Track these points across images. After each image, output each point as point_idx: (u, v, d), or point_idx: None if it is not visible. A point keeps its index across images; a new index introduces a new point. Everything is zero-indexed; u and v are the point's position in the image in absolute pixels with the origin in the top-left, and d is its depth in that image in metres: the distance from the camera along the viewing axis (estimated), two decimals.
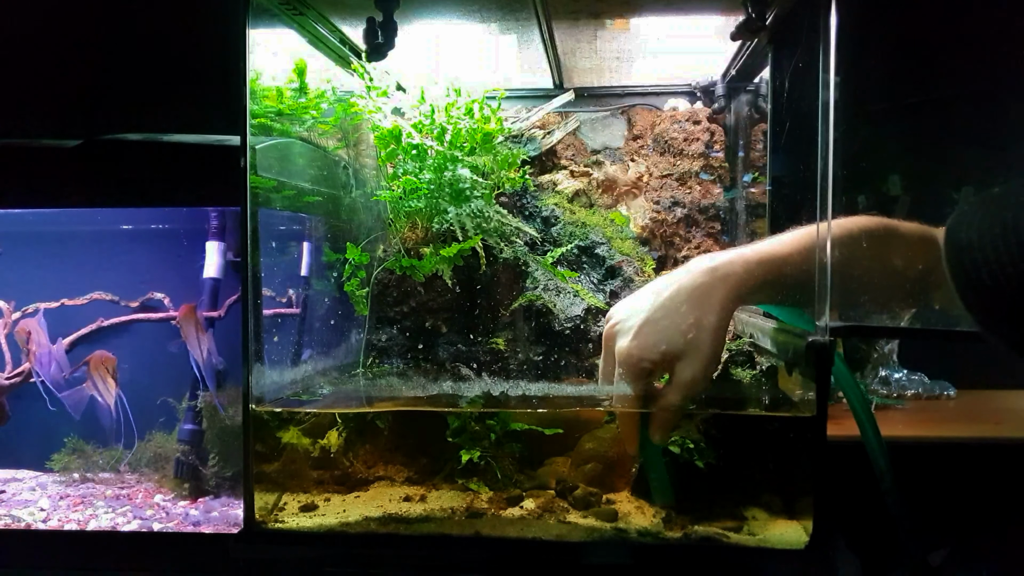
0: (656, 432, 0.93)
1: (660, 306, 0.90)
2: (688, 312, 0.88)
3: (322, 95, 1.24)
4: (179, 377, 1.51)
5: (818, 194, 0.87)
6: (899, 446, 0.97)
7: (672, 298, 0.89)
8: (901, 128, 1.42)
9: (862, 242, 0.91)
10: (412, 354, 1.23)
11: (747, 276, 0.89)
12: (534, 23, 1.20)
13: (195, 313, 1.48)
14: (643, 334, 0.89)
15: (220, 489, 1.45)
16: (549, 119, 1.51)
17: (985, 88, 1.40)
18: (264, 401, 1.02)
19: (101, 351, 1.56)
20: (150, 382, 1.57)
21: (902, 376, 1.59)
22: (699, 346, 0.88)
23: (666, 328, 0.88)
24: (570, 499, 1.03)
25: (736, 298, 0.89)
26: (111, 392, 1.52)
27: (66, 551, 1.30)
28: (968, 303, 0.74)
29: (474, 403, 1.03)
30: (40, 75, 1.58)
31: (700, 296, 0.88)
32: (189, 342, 1.47)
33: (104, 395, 1.52)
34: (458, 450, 1.08)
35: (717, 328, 0.88)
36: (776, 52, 1.23)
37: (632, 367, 0.90)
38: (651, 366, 0.89)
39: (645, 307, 0.91)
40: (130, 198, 1.38)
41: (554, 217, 1.37)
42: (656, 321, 0.89)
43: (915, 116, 1.43)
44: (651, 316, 0.90)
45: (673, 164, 1.52)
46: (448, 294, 1.22)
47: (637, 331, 0.90)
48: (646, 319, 0.90)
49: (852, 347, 1.57)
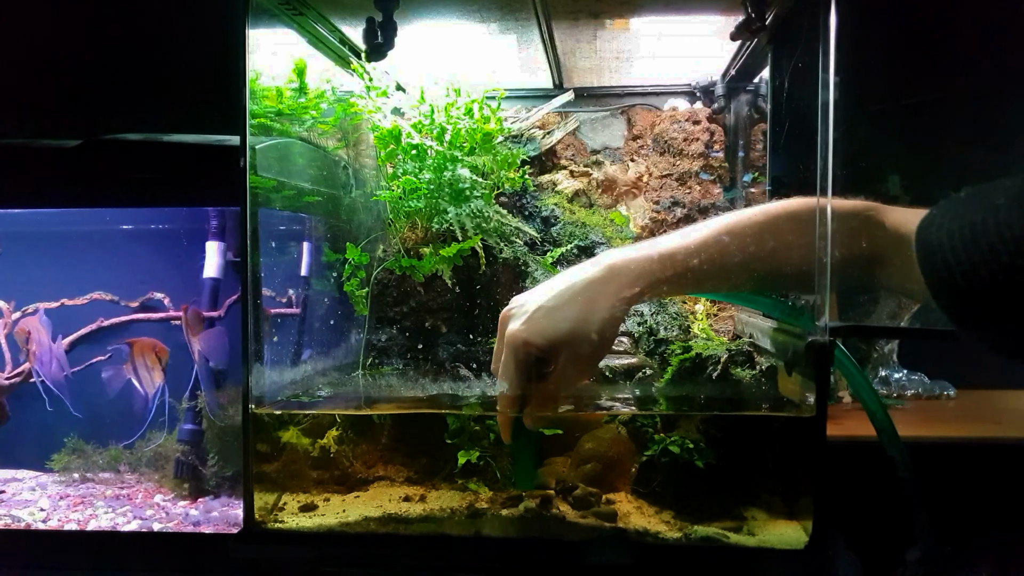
0: (529, 418, 0.93)
1: (555, 295, 0.91)
2: (580, 304, 0.89)
3: (322, 95, 1.24)
4: (179, 377, 1.51)
5: (817, 194, 0.87)
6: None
7: (567, 289, 0.90)
8: (901, 128, 1.42)
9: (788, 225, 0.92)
10: (412, 354, 1.23)
11: (642, 273, 0.90)
12: (534, 23, 1.20)
13: (188, 314, 1.48)
14: (532, 320, 0.90)
15: (220, 489, 1.45)
16: (549, 119, 1.51)
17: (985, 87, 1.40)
18: (264, 402, 1.02)
19: (151, 338, 1.54)
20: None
21: (902, 376, 1.59)
22: (584, 339, 0.89)
23: (555, 317, 0.89)
24: (570, 499, 1.03)
25: (630, 295, 0.90)
26: (152, 381, 1.51)
27: (66, 551, 1.30)
28: (942, 304, 0.74)
29: (471, 407, 1.03)
30: (40, 75, 1.58)
31: (594, 290, 0.89)
32: (189, 344, 1.47)
33: (144, 382, 1.50)
34: (458, 450, 1.08)
35: (605, 323, 0.89)
36: (776, 52, 1.23)
37: (516, 350, 0.90)
38: (535, 351, 0.89)
39: (541, 296, 0.92)
40: (130, 198, 1.38)
41: (554, 217, 1.37)
42: (547, 309, 0.90)
43: (915, 116, 1.43)
44: (544, 304, 0.90)
45: (673, 164, 1.52)
46: (448, 294, 1.22)
47: (528, 317, 0.90)
48: (539, 306, 0.90)
49: (852, 347, 1.57)
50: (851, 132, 0.89)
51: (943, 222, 0.74)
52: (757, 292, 1.05)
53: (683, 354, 1.11)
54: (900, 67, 1.42)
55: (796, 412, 0.95)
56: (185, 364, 1.52)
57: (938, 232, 0.74)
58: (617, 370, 1.19)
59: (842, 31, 0.84)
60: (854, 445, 1.17)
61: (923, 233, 0.76)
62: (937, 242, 0.73)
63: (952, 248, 0.71)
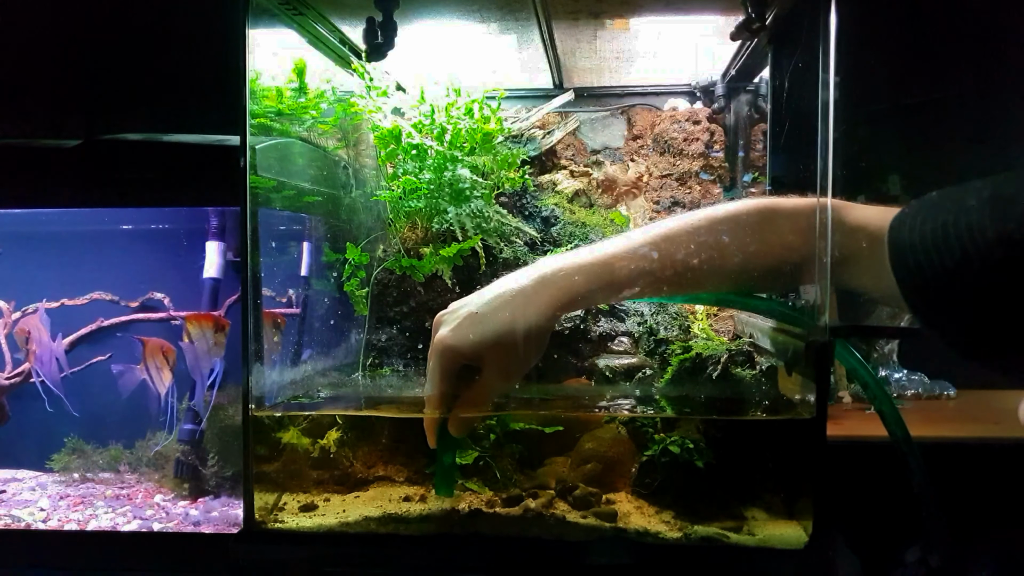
0: (453, 425, 0.93)
1: (485, 303, 0.90)
2: (508, 314, 0.89)
3: (322, 95, 1.24)
4: (179, 377, 1.51)
5: (817, 194, 0.87)
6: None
7: (497, 297, 0.90)
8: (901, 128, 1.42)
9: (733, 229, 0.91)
10: (412, 354, 1.23)
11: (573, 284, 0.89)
12: (534, 23, 1.20)
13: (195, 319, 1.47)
14: (461, 326, 0.90)
15: (220, 489, 1.45)
16: (549, 119, 1.51)
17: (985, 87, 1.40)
18: (264, 403, 1.02)
19: (160, 339, 1.53)
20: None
21: (902, 376, 1.59)
22: (510, 347, 0.88)
23: (482, 324, 0.89)
24: (570, 499, 1.03)
25: (558, 306, 0.89)
26: (163, 381, 1.51)
27: (66, 551, 1.30)
28: (912, 305, 0.75)
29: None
30: (40, 75, 1.58)
31: (523, 300, 0.89)
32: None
33: (157, 382, 1.49)
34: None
35: (532, 332, 0.88)
36: (776, 52, 1.23)
37: (441, 355, 0.90)
38: (460, 358, 0.89)
39: (472, 303, 0.91)
40: (130, 198, 1.38)
41: (554, 217, 1.37)
42: (476, 316, 0.90)
43: (915, 116, 1.43)
44: (473, 311, 0.90)
45: (673, 164, 1.52)
46: (448, 294, 1.22)
47: (458, 323, 0.90)
48: (469, 312, 0.90)
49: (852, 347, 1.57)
50: (851, 132, 0.89)
51: (915, 223, 0.74)
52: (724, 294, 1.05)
53: (683, 354, 1.11)
54: (900, 67, 1.42)
55: (795, 413, 0.95)
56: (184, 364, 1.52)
57: (911, 233, 0.74)
58: (617, 370, 1.19)
59: (842, 31, 0.84)
60: (854, 445, 1.17)
61: (895, 233, 0.77)
62: (910, 243, 0.74)
63: (924, 249, 0.72)
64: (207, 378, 1.47)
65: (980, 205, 0.69)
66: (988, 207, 0.69)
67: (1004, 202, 0.68)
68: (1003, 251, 0.66)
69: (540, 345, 0.91)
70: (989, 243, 0.66)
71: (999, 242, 0.66)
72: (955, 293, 0.70)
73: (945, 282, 0.70)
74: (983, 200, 0.69)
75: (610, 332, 1.27)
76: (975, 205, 0.69)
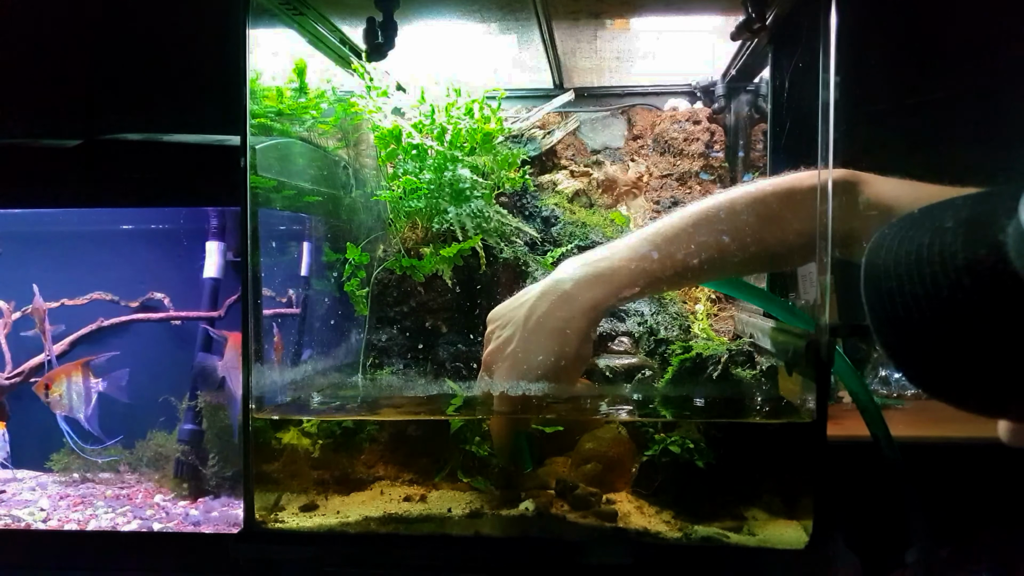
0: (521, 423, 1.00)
1: (523, 340, 0.94)
2: (548, 342, 0.93)
3: (322, 95, 1.24)
4: (179, 377, 1.52)
5: (818, 194, 0.87)
6: (899, 446, 0.97)
7: (535, 329, 0.94)
8: (901, 128, 1.42)
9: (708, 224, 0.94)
10: (412, 354, 1.23)
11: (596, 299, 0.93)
12: (534, 23, 1.20)
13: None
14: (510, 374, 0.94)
15: (220, 489, 1.45)
16: (549, 119, 1.51)
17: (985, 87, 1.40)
18: (264, 404, 1.02)
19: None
20: (150, 382, 1.57)
21: (902, 376, 1.59)
22: (562, 371, 0.93)
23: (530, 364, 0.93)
24: (570, 499, 1.03)
25: (593, 317, 0.94)
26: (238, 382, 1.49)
27: (66, 551, 1.30)
28: (883, 339, 0.65)
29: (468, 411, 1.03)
30: (40, 75, 1.58)
31: (556, 322, 0.93)
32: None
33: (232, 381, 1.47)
34: (458, 450, 1.08)
35: (577, 348, 0.93)
36: (776, 52, 1.23)
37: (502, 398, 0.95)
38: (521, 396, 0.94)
39: (514, 333, 0.95)
40: (130, 198, 1.38)
41: (554, 217, 1.37)
42: (520, 358, 0.94)
43: (915, 116, 1.43)
44: (517, 347, 0.94)
45: (673, 164, 1.52)
46: (448, 294, 1.22)
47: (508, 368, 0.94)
48: (513, 350, 0.94)
49: (852, 347, 1.57)
50: (851, 132, 0.89)
51: (892, 244, 0.65)
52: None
53: (683, 354, 1.11)
54: (900, 67, 1.42)
55: (795, 417, 0.95)
56: (185, 364, 1.52)
57: (886, 255, 0.64)
58: (617, 370, 1.19)
59: (842, 31, 0.84)
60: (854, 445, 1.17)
61: (871, 255, 0.67)
62: (883, 267, 0.64)
63: (897, 275, 0.62)
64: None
65: (956, 226, 0.61)
66: (963, 228, 0.60)
67: (978, 224, 0.60)
68: (971, 280, 0.57)
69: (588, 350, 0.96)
70: (958, 270, 0.58)
71: (967, 270, 0.58)
72: (926, 327, 0.61)
73: (916, 314, 0.61)
74: (960, 220, 0.61)
75: (610, 332, 1.27)
76: (951, 227, 0.61)
